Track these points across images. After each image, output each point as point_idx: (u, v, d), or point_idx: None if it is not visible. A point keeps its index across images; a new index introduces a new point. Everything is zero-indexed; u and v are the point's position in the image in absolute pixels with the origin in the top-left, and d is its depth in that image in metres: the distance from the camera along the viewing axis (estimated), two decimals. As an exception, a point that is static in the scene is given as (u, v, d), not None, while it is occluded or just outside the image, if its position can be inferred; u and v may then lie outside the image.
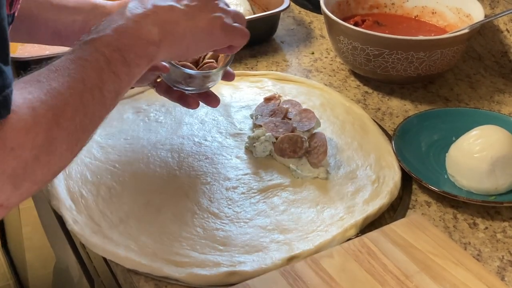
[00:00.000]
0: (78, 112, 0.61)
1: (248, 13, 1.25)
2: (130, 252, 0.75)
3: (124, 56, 0.66)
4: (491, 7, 1.15)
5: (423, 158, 0.92)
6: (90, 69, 0.63)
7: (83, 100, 0.61)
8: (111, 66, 0.65)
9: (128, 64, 0.67)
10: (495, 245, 0.80)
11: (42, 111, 0.57)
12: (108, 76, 0.64)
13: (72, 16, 0.87)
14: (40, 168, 0.57)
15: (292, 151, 0.89)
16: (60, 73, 0.61)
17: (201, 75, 0.86)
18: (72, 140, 0.61)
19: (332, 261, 0.73)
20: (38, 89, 0.58)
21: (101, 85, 0.64)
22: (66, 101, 0.59)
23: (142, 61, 0.69)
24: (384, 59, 1.03)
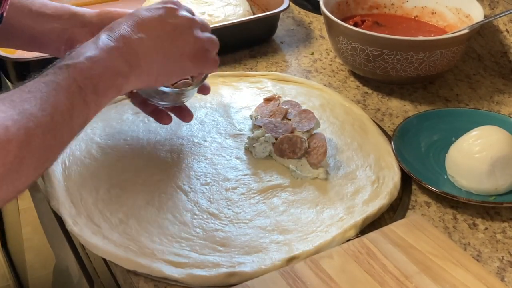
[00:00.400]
0: (48, 133, 0.62)
1: (248, 14, 1.25)
2: (130, 253, 0.75)
3: (94, 85, 0.68)
4: (490, 8, 1.15)
5: (423, 159, 0.92)
6: (62, 94, 0.65)
7: (53, 122, 0.63)
8: (82, 93, 0.67)
9: (97, 93, 0.69)
10: (495, 246, 0.80)
11: (14, 129, 0.58)
12: (78, 103, 0.66)
13: (50, 24, 0.87)
14: (6, 186, 0.58)
15: (291, 152, 0.89)
16: (33, 94, 0.62)
17: (175, 92, 0.88)
18: (40, 161, 0.62)
19: (331, 262, 0.73)
20: (11, 109, 0.60)
21: (71, 110, 0.65)
22: (37, 122, 0.61)
23: (110, 92, 0.71)
24: (384, 60, 1.03)
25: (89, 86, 0.68)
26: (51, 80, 0.66)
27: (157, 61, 0.76)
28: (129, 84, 0.74)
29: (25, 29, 0.87)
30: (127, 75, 0.73)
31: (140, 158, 0.90)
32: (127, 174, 0.87)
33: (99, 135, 0.94)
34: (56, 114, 0.63)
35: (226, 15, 1.22)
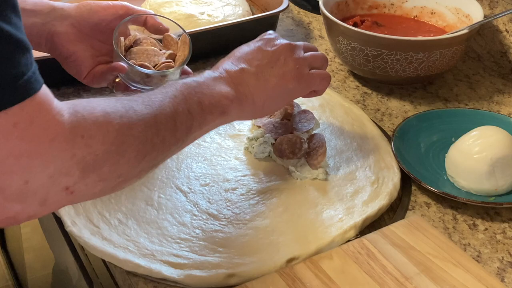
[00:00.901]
0: (149, 129, 0.64)
1: (247, 14, 1.24)
2: (129, 254, 0.75)
3: (200, 99, 0.72)
4: (490, 8, 1.15)
5: (423, 159, 0.92)
6: (167, 100, 0.68)
7: (156, 121, 0.65)
8: (187, 103, 0.70)
9: (202, 107, 0.72)
10: (494, 246, 0.80)
11: (115, 115, 0.61)
12: (182, 111, 0.69)
13: (30, 19, 0.88)
14: (108, 165, 0.60)
15: (291, 152, 0.89)
16: (141, 99, 0.66)
17: (158, 74, 0.89)
18: (141, 151, 0.64)
19: (331, 263, 0.73)
20: (116, 102, 0.63)
21: (175, 116, 0.68)
22: (140, 116, 0.64)
23: (215, 110, 0.74)
24: (383, 60, 1.03)
25: (194, 99, 0.71)
26: (159, 91, 0.70)
27: (260, 87, 0.79)
28: (234, 108, 0.76)
29: None
30: (231, 98, 0.75)
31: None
32: (126, 175, 0.87)
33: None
34: (160, 115, 0.66)
35: (225, 15, 1.21)
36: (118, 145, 0.61)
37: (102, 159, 0.59)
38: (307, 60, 0.83)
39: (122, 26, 0.89)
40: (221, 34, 1.15)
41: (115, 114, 0.61)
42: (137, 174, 0.66)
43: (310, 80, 0.83)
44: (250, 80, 0.78)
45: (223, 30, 1.14)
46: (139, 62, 0.88)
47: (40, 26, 0.89)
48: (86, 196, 0.61)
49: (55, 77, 1.05)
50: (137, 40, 0.92)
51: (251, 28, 1.20)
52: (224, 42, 1.17)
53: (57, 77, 1.05)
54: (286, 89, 0.81)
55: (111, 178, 0.62)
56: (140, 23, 0.93)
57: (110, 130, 0.60)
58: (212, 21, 1.19)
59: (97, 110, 0.60)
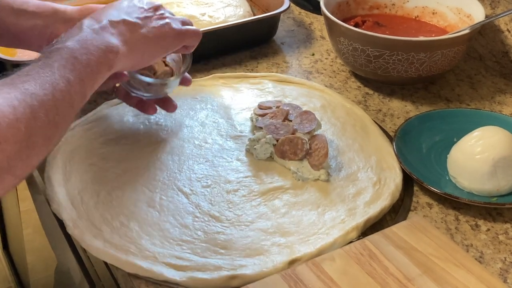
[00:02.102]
0: (51, 110, 0.66)
1: (248, 15, 1.24)
2: (131, 256, 0.75)
3: (88, 62, 0.73)
4: (491, 7, 1.15)
5: (424, 160, 0.92)
6: (57, 73, 0.69)
7: (54, 100, 0.66)
8: (76, 71, 0.71)
9: (91, 70, 0.73)
10: (497, 247, 0.79)
11: (21, 108, 0.62)
12: (74, 80, 0.70)
13: (32, 21, 0.89)
14: (20, 162, 0.62)
15: (292, 153, 0.88)
16: (31, 77, 0.66)
17: (158, 82, 0.90)
18: (47, 136, 0.66)
19: (333, 264, 0.73)
20: (14, 90, 0.63)
21: (69, 87, 0.69)
22: (40, 101, 0.64)
23: (103, 67, 0.75)
24: (385, 60, 1.03)
25: (82, 64, 0.72)
26: (45, 63, 0.69)
27: (140, 38, 0.81)
28: (119, 60, 0.77)
29: (8, 27, 0.88)
30: (116, 51, 0.77)
31: (141, 161, 0.90)
32: (127, 177, 0.87)
33: (99, 137, 0.94)
34: (56, 92, 0.67)
35: (226, 16, 1.21)
36: (27, 140, 0.62)
37: (15, 160, 0.61)
38: (179, 19, 0.89)
39: None
40: (222, 35, 1.15)
41: (20, 106, 0.62)
42: (46, 154, 0.68)
43: (184, 34, 0.87)
44: (132, 32, 0.81)
45: (224, 31, 1.14)
46: (140, 70, 0.89)
47: (42, 28, 0.89)
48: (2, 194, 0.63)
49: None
50: None
51: (252, 29, 1.20)
52: (225, 43, 1.17)
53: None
54: (163, 41, 0.85)
55: (24, 172, 0.64)
56: None
57: (20, 127, 0.61)
58: (213, 22, 1.19)
59: (5, 107, 0.61)
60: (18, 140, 0.61)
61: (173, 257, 0.75)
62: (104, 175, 0.87)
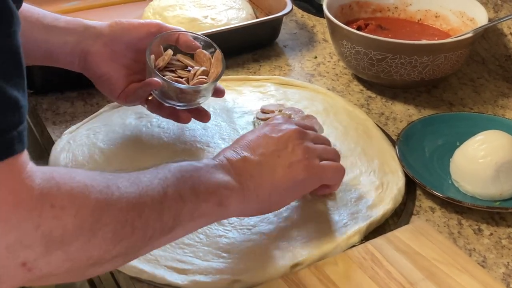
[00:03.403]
0: (132, 209, 0.59)
1: (251, 17, 1.24)
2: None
3: (194, 185, 0.66)
4: (494, 11, 1.14)
5: (427, 164, 0.91)
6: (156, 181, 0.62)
7: (139, 201, 0.60)
8: (179, 187, 0.64)
9: (196, 194, 0.65)
10: (500, 252, 0.79)
11: (95, 189, 0.56)
12: (173, 194, 0.63)
13: (63, 37, 0.88)
14: (78, 243, 0.54)
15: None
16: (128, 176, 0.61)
17: (192, 89, 0.88)
18: (118, 232, 0.57)
19: (336, 268, 0.73)
20: (97, 175, 0.58)
21: (163, 198, 0.62)
22: (121, 194, 0.58)
23: (211, 198, 0.67)
24: (388, 64, 1.03)
25: (188, 183, 0.65)
26: (150, 171, 0.64)
27: (265, 178, 0.72)
28: (233, 198, 0.69)
29: (39, 44, 0.87)
30: (230, 188, 0.69)
31: (143, 163, 0.90)
32: (130, 180, 0.87)
33: (101, 140, 0.94)
34: (145, 195, 0.60)
35: (229, 19, 1.21)
36: (92, 222, 0.55)
37: (71, 235, 0.53)
38: (317, 150, 0.77)
39: (154, 43, 0.88)
40: (224, 38, 1.15)
41: (95, 188, 0.56)
42: (110, 260, 0.58)
43: (321, 172, 0.76)
44: (254, 170, 0.72)
45: (226, 34, 1.14)
46: (175, 78, 0.88)
47: (74, 45, 0.88)
48: (47, 277, 0.54)
49: (59, 81, 1.06)
50: (171, 60, 0.91)
51: (254, 32, 1.20)
52: (228, 45, 1.16)
53: (61, 81, 1.06)
54: (294, 182, 0.74)
55: (80, 259, 0.55)
56: (172, 41, 0.91)
57: (86, 204, 0.54)
58: (215, 25, 1.19)
59: (75, 180, 0.55)
60: (79, 216, 0.54)
61: (175, 261, 0.75)
62: (106, 178, 0.87)
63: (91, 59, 0.89)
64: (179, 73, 0.89)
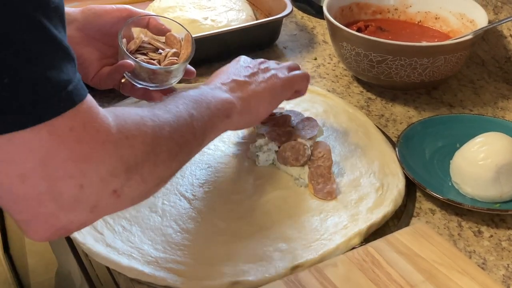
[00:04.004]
0: (175, 130, 0.67)
1: (251, 19, 1.24)
2: (133, 261, 0.74)
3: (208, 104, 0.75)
4: (494, 13, 1.15)
5: (427, 165, 0.91)
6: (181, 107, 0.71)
7: (178, 123, 0.68)
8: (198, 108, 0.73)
9: (211, 111, 0.75)
10: (500, 254, 0.79)
11: (147, 118, 0.63)
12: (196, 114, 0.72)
13: None
14: (147, 166, 0.62)
15: (294, 159, 0.88)
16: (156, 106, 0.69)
17: (163, 70, 0.91)
18: (172, 151, 0.66)
19: (336, 270, 0.73)
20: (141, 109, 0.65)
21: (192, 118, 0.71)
22: (165, 120, 0.66)
23: (221, 113, 0.77)
24: (388, 65, 1.03)
25: (203, 104, 0.74)
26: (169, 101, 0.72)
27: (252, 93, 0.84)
28: (235, 112, 0.80)
29: None
30: (232, 102, 0.80)
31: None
32: (130, 181, 0.87)
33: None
34: (179, 118, 0.68)
35: (229, 20, 1.21)
36: (154, 146, 0.62)
37: (142, 160, 0.61)
38: (283, 66, 0.91)
39: (126, 27, 0.92)
40: (224, 39, 1.15)
41: (147, 117, 0.64)
42: (170, 175, 0.68)
43: (292, 79, 0.89)
44: (243, 88, 0.83)
45: (226, 36, 1.14)
46: (146, 60, 0.91)
47: None
48: (129, 200, 0.62)
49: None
50: (143, 43, 0.94)
51: (254, 33, 1.20)
52: (228, 47, 1.17)
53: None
54: (274, 91, 0.86)
55: (150, 180, 0.63)
56: (143, 25, 0.96)
57: (147, 132, 0.62)
58: (215, 26, 1.19)
59: (132, 114, 0.62)
60: (145, 142, 0.61)
61: (175, 263, 0.75)
62: (106, 179, 0.87)
63: None
64: (151, 55, 0.93)
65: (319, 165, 0.87)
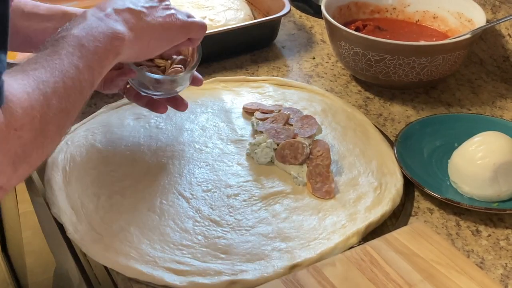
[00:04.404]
0: (62, 97, 0.65)
1: (249, 18, 1.24)
2: (131, 261, 0.74)
3: (95, 49, 0.72)
4: (492, 12, 1.15)
5: (425, 165, 0.91)
6: (66, 61, 0.68)
7: (65, 87, 0.66)
8: (83, 58, 0.70)
9: (98, 57, 0.72)
10: (498, 253, 0.79)
11: (35, 95, 0.61)
12: (83, 67, 0.69)
13: (43, 24, 0.89)
14: (35, 150, 0.61)
15: (293, 158, 0.88)
16: (40, 64, 0.65)
17: (168, 79, 0.88)
18: (60, 123, 0.65)
19: (334, 270, 0.73)
20: (27, 77, 0.63)
21: (78, 75, 0.68)
22: (53, 88, 0.64)
23: (110, 54, 0.74)
24: (386, 65, 1.03)
25: (90, 50, 0.71)
26: (53, 51, 0.68)
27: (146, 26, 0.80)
28: (125, 47, 0.77)
29: (19, 30, 0.88)
30: (122, 38, 0.76)
31: (141, 165, 0.90)
32: (128, 181, 0.87)
33: (99, 141, 0.93)
34: (66, 79, 0.66)
35: (227, 20, 1.21)
36: (42, 128, 0.61)
37: (30, 147, 0.60)
38: (184, 12, 0.87)
39: None
40: (223, 39, 1.15)
41: (34, 93, 0.61)
42: (58, 143, 0.68)
43: (190, 25, 0.86)
44: (137, 19, 0.80)
45: (225, 35, 1.14)
46: (150, 68, 0.88)
47: (52, 31, 0.87)
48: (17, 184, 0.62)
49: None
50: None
51: (253, 33, 1.20)
52: (226, 46, 1.17)
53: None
54: (169, 31, 0.83)
55: (38, 161, 0.63)
56: None
57: (35, 115, 0.60)
58: (214, 26, 1.19)
59: (21, 94, 0.60)
60: (34, 128, 0.60)
61: (173, 262, 0.75)
62: (104, 179, 0.87)
63: None
64: (157, 62, 0.90)
65: (318, 163, 0.87)
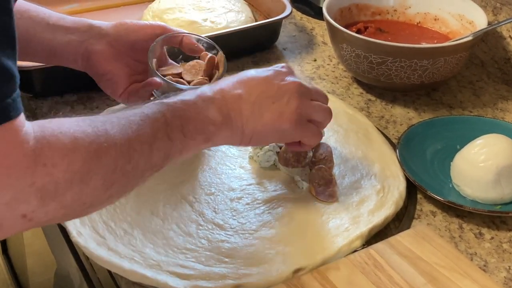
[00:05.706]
0: (122, 155, 0.62)
1: (250, 20, 1.24)
2: (135, 265, 0.74)
3: (183, 124, 0.69)
4: (493, 14, 1.15)
5: (428, 167, 0.91)
6: (147, 124, 0.65)
7: (129, 147, 0.63)
8: (168, 129, 0.67)
9: (184, 134, 0.69)
10: (501, 256, 0.79)
11: (85, 142, 0.59)
12: (162, 136, 0.66)
13: (68, 36, 0.89)
14: (71, 194, 0.58)
15: (296, 161, 0.88)
16: (118, 120, 0.64)
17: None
18: (109, 179, 0.61)
19: (338, 273, 0.73)
20: (88, 126, 0.60)
21: (152, 142, 0.65)
22: (112, 143, 0.61)
23: (199, 136, 0.71)
24: (388, 67, 1.03)
25: (177, 124, 0.68)
26: (141, 112, 0.67)
27: (252, 119, 0.75)
28: (220, 135, 0.73)
29: (44, 42, 0.88)
30: (218, 125, 0.72)
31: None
32: (131, 184, 0.86)
33: (102, 144, 0.93)
34: (135, 141, 0.63)
35: (228, 22, 1.21)
36: (83, 174, 0.58)
37: (63, 188, 0.57)
38: (311, 108, 0.79)
39: (156, 45, 0.89)
40: (224, 41, 1.14)
41: (84, 140, 0.59)
42: (105, 201, 0.64)
43: (305, 130, 0.79)
44: (245, 109, 0.74)
45: (226, 37, 1.14)
46: (175, 78, 0.88)
47: (77, 43, 0.89)
48: (47, 221, 0.59)
49: (58, 85, 1.06)
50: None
51: (254, 35, 1.20)
52: (227, 49, 1.16)
53: (61, 85, 1.05)
54: (278, 130, 0.76)
55: (74, 206, 0.60)
56: (176, 43, 0.92)
57: (76, 159, 0.58)
58: (215, 28, 1.19)
59: (66, 136, 0.58)
60: (71, 171, 0.57)
61: (177, 266, 0.75)
62: (107, 182, 0.87)
63: (95, 58, 0.90)
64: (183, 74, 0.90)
65: (321, 167, 0.87)
